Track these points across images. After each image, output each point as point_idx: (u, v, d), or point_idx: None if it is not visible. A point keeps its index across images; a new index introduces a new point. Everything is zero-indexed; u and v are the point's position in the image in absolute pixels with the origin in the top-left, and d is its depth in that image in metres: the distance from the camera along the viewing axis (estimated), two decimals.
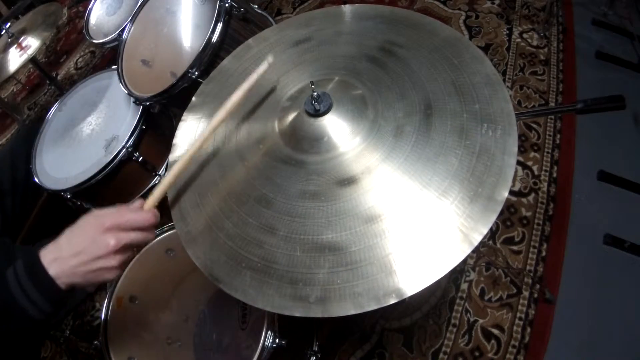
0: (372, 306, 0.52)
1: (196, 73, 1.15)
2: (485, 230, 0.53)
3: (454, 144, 0.61)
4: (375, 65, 0.74)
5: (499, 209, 0.54)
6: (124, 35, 1.39)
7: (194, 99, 0.85)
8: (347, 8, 0.85)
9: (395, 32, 0.77)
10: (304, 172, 0.65)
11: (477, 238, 0.53)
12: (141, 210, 0.64)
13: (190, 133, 0.80)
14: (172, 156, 0.78)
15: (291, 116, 0.71)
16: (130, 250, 0.63)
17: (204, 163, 0.74)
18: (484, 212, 0.54)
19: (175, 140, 0.80)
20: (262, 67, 0.72)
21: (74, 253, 0.59)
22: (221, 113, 0.68)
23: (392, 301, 0.51)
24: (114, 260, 0.60)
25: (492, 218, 0.53)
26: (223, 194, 0.69)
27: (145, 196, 1.35)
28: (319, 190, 0.62)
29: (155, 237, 0.97)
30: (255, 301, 0.57)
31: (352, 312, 0.52)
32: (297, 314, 0.54)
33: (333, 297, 0.54)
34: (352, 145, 0.65)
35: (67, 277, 0.60)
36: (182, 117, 0.82)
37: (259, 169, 0.69)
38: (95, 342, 0.88)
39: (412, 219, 0.56)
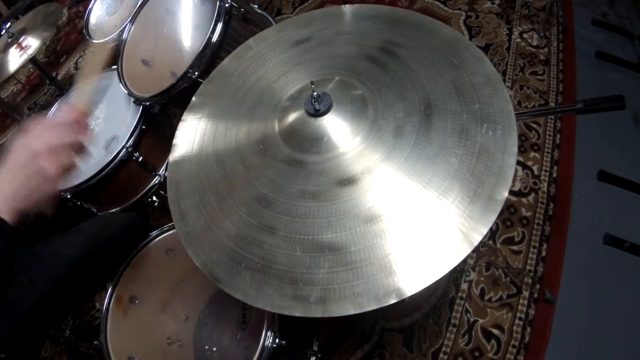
0: (372, 306, 0.52)
1: (196, 73, 1.15)
2: (485, 230, 0.53)
3: (454, 144, 0.61)
4: (375, 65, 0.74)
5: (499, 208, 0.54)
6: (124, 35, 1.39)
7: (194, 99, 0.85)
8: (347, 8, 0.85)
9: (395, 32, 0.77)
10: (304, 172, 0.65)
11: (477, 238, 0.53)
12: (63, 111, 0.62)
13: (190, 133, 0.80)
14: (172, 156, 0.78)
15: (291, 116, 0.71)
16: (63, 150, 0.59)
17: (204, 163, 0.74)
18: (484, 212, 0.54)
19: (175, 140, 0.80)
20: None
21: (4, 175, 0.56)
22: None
23: (392, 301, 0.51)
24: (47, 162, 0.56)
25: (492, 218, 0.54)
26: (223, 194, 0.69)
27: (146, 196, 1.36)
28: (319, 190, 0.63)
29: (157, 236, 0.98)
30: (255, 301, 0.57)
31: (352, 312, 0.52)
32: (297, 314, 0.54)
33: (333, 297, 0.54)
34: (352, 145, 0.65)
35: (8, 205, 0.55)
36: (182, 117, 0.82)
37: (259, 169, 0.69)
38: (95, 342, 0.88)
39: (412, 219, 0.56)
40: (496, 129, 0.60)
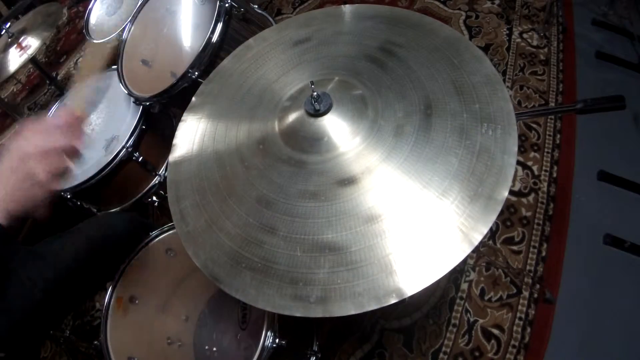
0: (373, 306, 0.52)
1: (196, 73, 1.15)
2: (485, 230, 0.53)
3: (454, 143, 0.61)
4: (375, 65, 0.74)
5: (499, 208, 0.54)
6: (124, 35, 1.39)
7: (193, 99, 0.85)
8: (347, 8, 0.85)
9: (395, 32, 0.77)
10: (304, 172, 0.65)
11: (477, 238, 0.53)
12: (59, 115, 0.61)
13: (190, 133, 0.80)
14: (172, 156, 0.78)
15: (291, 116, 0.71)
16: (56, 155, 0.59)
17: (204, 163, 0.74)
18: (484, 211, 0.54)
19: (175, 141, 0.80)
20: None
21: None
22: None
23: (393, 301, 0.51)
24: (38, 167, 0.56)
25: (493, 217, 0.54)
26: (223, 194, 0.69)
27: (146, 196, 1.36)
28: (319, 190, 0.63)
29: (157, 236, 0.98)
30: (255, 301, 0.57)
31: (353, 312, 0.52)
32: (298, 314, 0.54)
33: (333, 297, 0.54)
34: (352, 145, 0.65)
35: (1, 207, 0.56)
36: (182, 118, 0.82)
37: (259, 169, 0.69)
38: (95, 342, 0.88)
39: (412, 219, 0.56)
40: (496, 129, 0.60)
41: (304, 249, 0.58)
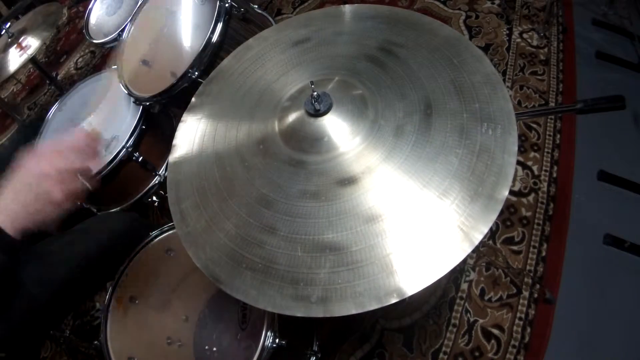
0: (373, 306, 0.52)
1: (196, 73, 1.15)
2: (485, 229, 0.53)
3: (454, 143, 0.61)
4: (375, 65, 0.74)
5: (500, 208, 0.54)
6: (124, 35, 1.39)
7: (193, 99, 0.85)
8: (346, 8, 0.85)
9: (395, 32, 0.77)
10: (304, 172, 0.65)
11: (477, 237, 0.53)
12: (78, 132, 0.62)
13: (190, 134, 0.80)
14: (172, 156, 0.78)
15: (291, 116, 0.71)
16: (72, 176, 0.60)
17: (204, 164, 0.74)
18: (484, 211, 0.54)
19: (175, 141, 0.80)
20: None
21: (10, 193, 0.57)
22: None
23: (393, 301, 0.51)
24: (54, 187, 0.57)
25: (493, 217, 0.54)
26: (223, 195, 0.69)
27: (146, 196, 1.36)
28: (320, 190, 0.63)
29: (157, 236, 0.98)
30: (256, 301, 0.57)
31: (353, 311, 0.52)
32: (299, 314, 0.54)
33: (334, 296, 0.54)
34: (352, 145, 0.65)
35: (12, 224, 0.57)
36: (182, 118, 0.82)
37: (260, 170, 0.69)
38: (95, 342, 0.88)
39: (413, 219, 0.56)
40: (496, 128, 0.60)
41: (305, 249, 0.58)
